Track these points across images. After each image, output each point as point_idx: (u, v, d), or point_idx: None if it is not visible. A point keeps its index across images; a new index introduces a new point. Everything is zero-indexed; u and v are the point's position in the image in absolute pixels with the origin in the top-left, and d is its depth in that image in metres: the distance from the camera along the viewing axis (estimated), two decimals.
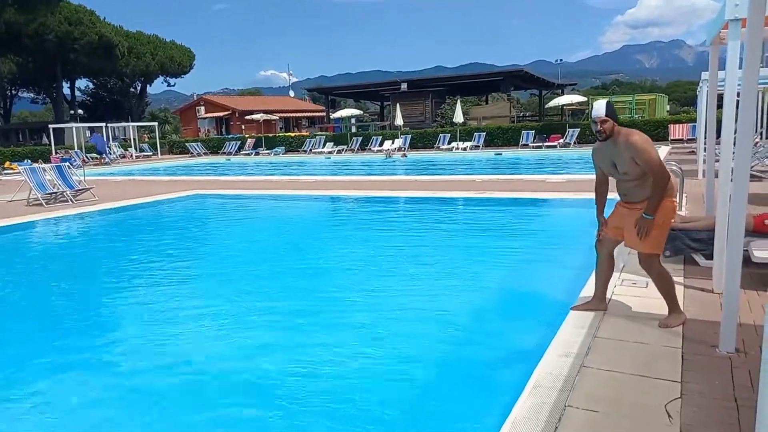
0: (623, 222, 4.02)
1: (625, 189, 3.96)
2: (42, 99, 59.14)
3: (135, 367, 4.16)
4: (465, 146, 27.45)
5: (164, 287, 6.27)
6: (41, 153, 31.15)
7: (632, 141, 3.76)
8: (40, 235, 10.22)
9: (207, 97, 54.80)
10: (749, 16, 3.30)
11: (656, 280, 3.97)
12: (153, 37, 55.23)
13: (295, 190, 14.02)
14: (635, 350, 3.55)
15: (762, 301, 4.27)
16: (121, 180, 19.78)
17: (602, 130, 3.84)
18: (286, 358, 4.18)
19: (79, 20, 45.39)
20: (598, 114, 3.84)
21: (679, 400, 2.91)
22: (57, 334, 4.98)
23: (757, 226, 5.07)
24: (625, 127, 3.94)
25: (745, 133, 3.45)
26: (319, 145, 31.46)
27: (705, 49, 5.93)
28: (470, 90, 42.08)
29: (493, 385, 3.71)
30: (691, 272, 5.13)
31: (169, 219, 11.73)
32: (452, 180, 15.58)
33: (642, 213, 3.82)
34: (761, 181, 10.55)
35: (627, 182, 3.91)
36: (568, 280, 5.55)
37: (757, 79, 3.44)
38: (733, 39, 4.38)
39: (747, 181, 3.46)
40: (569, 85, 48.20)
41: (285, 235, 9.25)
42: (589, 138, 26.18)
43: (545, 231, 8.87)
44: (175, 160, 31.78)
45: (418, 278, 6.10)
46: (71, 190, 13.29)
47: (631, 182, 3.87)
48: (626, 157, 3.79)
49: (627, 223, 3.97)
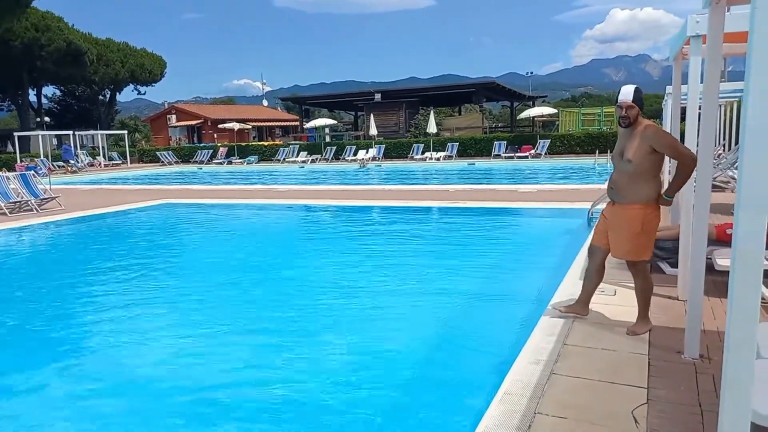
0: (607, 225, 3.97)
1: (618, 183, 3.85)
2: (7, 106, 57.54)
3: (90, 383, 4.05)
4: (438, 156, 27.66)
5: (130, 298, 6.12)
6: (5, 161, 30.29)
7: (652, 130, 3.70)
8: (3, 244, 9.91)
9: (178, 105, 54.07)
10: (709, 33, 3.41)
11: (640, 284, 3.96)
12: (123, 44, 54.32)
13: (268, 199, 13.91)
14: (603, 357, 3.60)
15: (725, 308, 4.37)
16: (88, 189, 19.34)
17: (627, 115, 3.73)
18: (250, 368, 4.13)
19: (47, 26, 44.40)
20: (625, 98, 3.72)
21: (645, 406, 2.96)
22: (17, 343, 4.82)
23: (719, 235, 5.22)
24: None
25: (706, 145, 3.55)
26: (293, 154, 31.31)
27: (669, 64, 6.10)
28: (443, 101, 42.51)
29: (463, 392, 3.72)
30: (657, 280, 5.21)
31: (138, 228, 11.50)
32: (425, 189, 15.67)
33: (663, 195, 3.78)
34: (723, 191, 10.87)
35: (623, 174, 3.81)
36: (539, 288, 5.62)
37: (718, 93, 3.56)
38: (694, 54, 4.52)
39: (709, 191, 3.57)
40: (540, 97, 49.13)
41: (256, 245, 9.16)
42: (560, 149, 26.67)
43: (517, 240, 8.97)
44: (145, 169, 31.24)
45: (388, 286, 6.10)
46: (36, 198, 12.95)
47: (628, 175, 3.77)
48: (636, 145, 3.69)
49: (611, 224, 3.93)
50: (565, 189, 13.86)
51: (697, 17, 4.34)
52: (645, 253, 3.88)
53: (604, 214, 4.08)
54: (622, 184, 3.83)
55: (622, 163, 3.82)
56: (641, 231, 3.78)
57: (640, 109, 3.77)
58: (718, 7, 3.26)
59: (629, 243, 3.85)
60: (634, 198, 3.78)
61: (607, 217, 4.00)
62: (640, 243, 3.83)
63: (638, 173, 3.73)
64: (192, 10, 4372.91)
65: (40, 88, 53.05)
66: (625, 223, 3.82)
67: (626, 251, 3.90)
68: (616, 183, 3.88)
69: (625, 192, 3.82)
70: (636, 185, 3.76)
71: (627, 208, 3.81)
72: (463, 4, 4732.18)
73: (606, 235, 4.01)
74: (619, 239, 3.91)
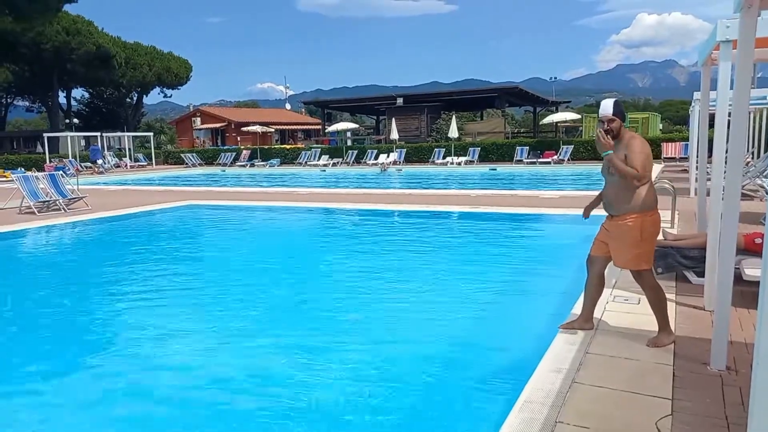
0: (608, 237, 3.99)
1: (609, 196, 3.91)
2: (37, 107, 59.07)
3: (111, 381, 4.11)
4: (460, 161, 27.56)
5: (154, 297, 6.22)
6: (35, 161, 31.06)
7: (631, 141, 3.75)
8: (31, 243, 10.15)
9: (203, 108, 54.85)
10: (740, 38, 3.35)
11: (649, 294, 3.95)
12: (150, 48, 55.37)
13: (290, 201, 14.01)
14: (626, 367, 3.54)
15: (753, 320, 4.28)
16: (114, 189, 19.71)
17: (610, 128, 3.80)
18: (275, 370, 4.16)
19: (77, 30, 45.52)
20: (605, 112, 3.81)
21: (669, 417, 2.91)
22: (42, 342, 4.93)
23: (747, 245, 5.11)
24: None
25: (736, 153, 3.48)
26: (315, 157, 31.50)
27: (697, 70, 6.00)
28: (465, 106, 42.36)
29: (483, 400, 3.69)
30: (683, 289, 5.15)
31: (162, 229, 11.68)
32: (447, 194, 15.62)
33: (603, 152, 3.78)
34: (752, 200, 10.63)
35: (613, 186, 3.86)
36: (561, 295, 5.56)
37: (748, 100, 3.49)
38: (724, 60, 4.44)
39: (738, 199, 3.50)
40: (563, 102, 48.60)
41: (278, 247, 9.23)
42: (583, 155, 26.37)
43: (538, 246, 8.89)
44: (170, 170, 31.73)
45: (409, 292, 6.09)
46: (64, 198, 13.23)
47: (617, 187, 3.81)
48: (620, 157, 3.75)
49: (611, 235, 3.95)
50: (587, 195, 13.67)
51: (727, 22, 4.27)
52: (646, 261, 3.88)
53: (604, 225, 4.08)
54: (614, 196, 3.88)
55: (610, 176, 3.90)
56: (641, 239, 3.80)
57: (622, 121, 3.83)
58: (750, 12, 3.20)
59: (630, 252, 3.85)
60: (628, 209, 3.80)
61: (608, 229, 4.01)
62: (642, 251, 3.83)
63: (626, 184, 3.76)
64: (215, 14, 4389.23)
65: (70, 90, 54.37)
66: (625, 233, 3.83)
67: (627, 260, 3.91)
68: (608, 196, 3.94)
69: (619, 204, 3.85)
70: (627, 196, 3.79)
71: (624, 219, 3.83)
72: (486, 8, 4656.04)
73: (605, 245, 4.03)
74: (620, 249, 3.91)
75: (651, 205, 3.80)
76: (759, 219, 7.78)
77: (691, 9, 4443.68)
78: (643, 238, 3.80)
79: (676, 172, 18.41)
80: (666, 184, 8.38)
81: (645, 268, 3.89)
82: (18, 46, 42.55)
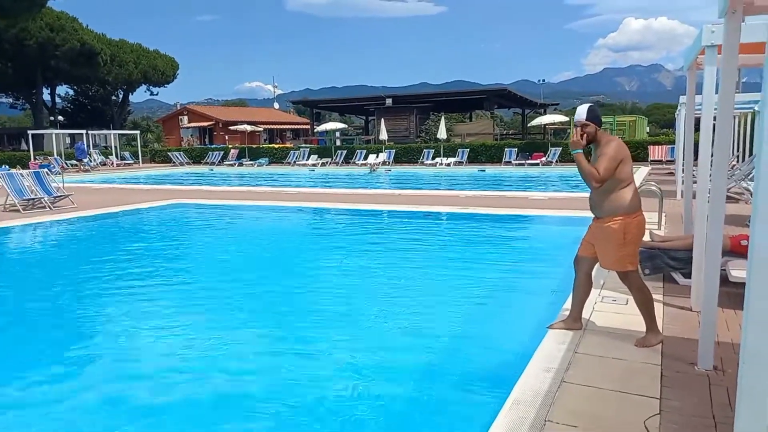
0: (594, 239, 4.03)
1: (593, 199, 3.97)
2: (21, 104, 58.25)
3: (98, 380, 4.08)
4: (449, 162, 27.65)
5: (138, 295, 6.16)
6: (20, 159, 30.65)
7: (606, 144, 3.80)
8: (15, 241, 10.02)
9: (191, 106, 54.50)
10: (724, 43, 3.40)
11: (635, 295, 3.99)
12: (136, 45, 54.83)
13: (278, 201, 13.96)
14: (615, 366, 3.58)
15: (739, 320, 4.35)
16: (101, 188, 19.51)
17: (584, 133, 3.84)
18: (260, 372, 4.14)
19: (61, 27, 44.94)
20: (579, 117, 3.86)
21: (657, 417, 2.94)
22: (24, 339, 4.87)
23: (733, 247, 5.18)
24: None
25: (721, 156, 3.54)
26: (304, 157, 31.43)
27: (683, 74, 6.08)
28: (454, 107, 42.50)
29: (473, 400, 3.71)
30: (670, 290, 5.22)
31: (148, 227, 11.58)
32: (436, 195, 15.66)
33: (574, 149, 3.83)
34: (737, 202, 10.78)
35: (596, 190, 3.88)
36: (550, 296, 5.60)
37: (733, 104, 3.55)
38: (709, 65, 4.51)
39: (723, 202, 3.55)
40: (552, 104, 48.98)
41: (265, 246, 9.19)
42: (571, 157, 26.51)
43: (527, 247, 8.95)
44: (157, 169, 31.47)
45: (397, 292, 6.10)
46: (49, 196, 13.09)
47: (600, 190, 3.84)
48: (595, 159, 3.82)
49: (596, 237, 3.99)
50: (576, 197, 13.79)
51: (712, 27, 4.33)
52: (631, 262, 3.92)
53: (590, 227, 4.13)
54: (597, 199, 3.93)
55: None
56: (625, 242, 3.84)
57: (597, 125, 3.87)
58: (734, 17, 3.25)
59: (615, 254, 3.90)
60: (611, 211, 3.85)
61: (593, 231, 4.06)
62: (626, 253, 3.87)
63: (608, 187, 3.81)
64: (205, 12, 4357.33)
65: (54, 87, 53.69)
66: (609, 235, 3.87)
67: (612, 262, 3.96)
68: (593, 199, 4.00)
69: (602, 207, 3.90)
70: (610, 198, 3.84)
71: (608, 221, 3.87)
72: (475, 10, 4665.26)
73: (593, 246, 4.07)
74: (605, 251, 3.96)
75: (635, 207, 3.85)
76: (744, 221, 7.89)
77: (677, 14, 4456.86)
78: (627, 240, 3.84)
79: (663, 175, 18.63)
80: (653, 186, 8.48)
81: (630, 269, 3.93)
82: (1, 42, 41.94)
